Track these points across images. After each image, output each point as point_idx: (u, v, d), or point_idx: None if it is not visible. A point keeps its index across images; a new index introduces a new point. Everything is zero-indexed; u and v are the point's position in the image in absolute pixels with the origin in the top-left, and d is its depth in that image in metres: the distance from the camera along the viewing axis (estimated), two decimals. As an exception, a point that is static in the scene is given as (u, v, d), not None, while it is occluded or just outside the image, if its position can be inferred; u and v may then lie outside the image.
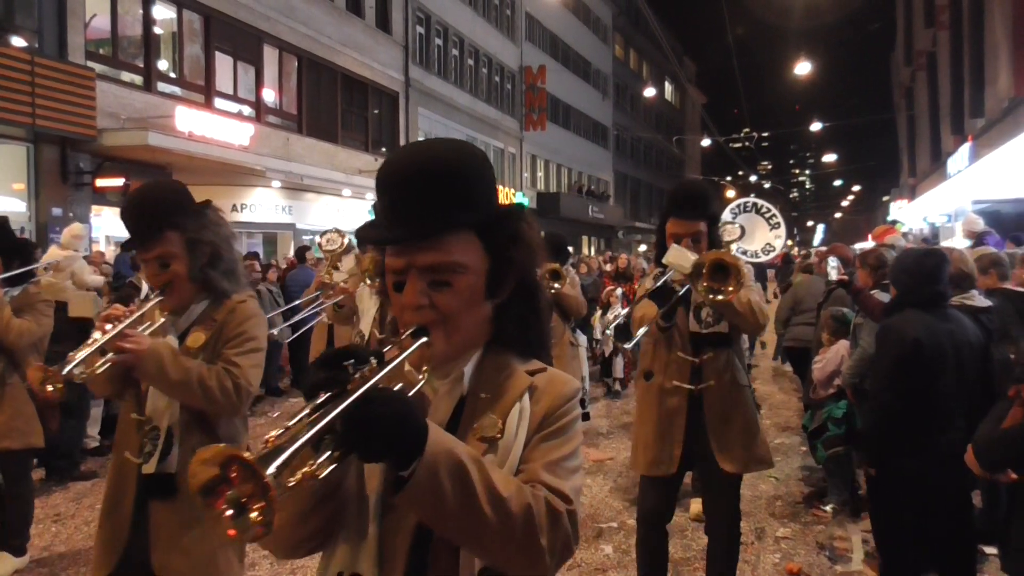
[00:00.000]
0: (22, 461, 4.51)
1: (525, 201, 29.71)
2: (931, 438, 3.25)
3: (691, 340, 3.55)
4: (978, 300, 3.78)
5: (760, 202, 6.77)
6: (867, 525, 4.60)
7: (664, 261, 3.39)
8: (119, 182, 12.40)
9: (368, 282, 4.29)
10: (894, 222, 16.11)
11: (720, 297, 3.20)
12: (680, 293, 3.46)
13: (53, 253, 6.93)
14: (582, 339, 6.95)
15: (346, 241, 5.54)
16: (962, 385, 3.27)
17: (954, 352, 3.26)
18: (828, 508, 5.47)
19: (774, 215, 6.64)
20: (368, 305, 4.47)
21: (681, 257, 3.27)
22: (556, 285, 5.57)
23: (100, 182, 12.41)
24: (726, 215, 6.50)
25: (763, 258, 6.86)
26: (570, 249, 6.81)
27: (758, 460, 3.56)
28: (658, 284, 3.50)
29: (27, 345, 4.29)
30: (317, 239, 6.02)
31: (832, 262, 5.40)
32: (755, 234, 6.44)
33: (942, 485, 3.27)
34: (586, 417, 6.38)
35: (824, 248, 9.90)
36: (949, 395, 3.26)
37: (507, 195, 28.22)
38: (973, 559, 3.66)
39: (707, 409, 3.48)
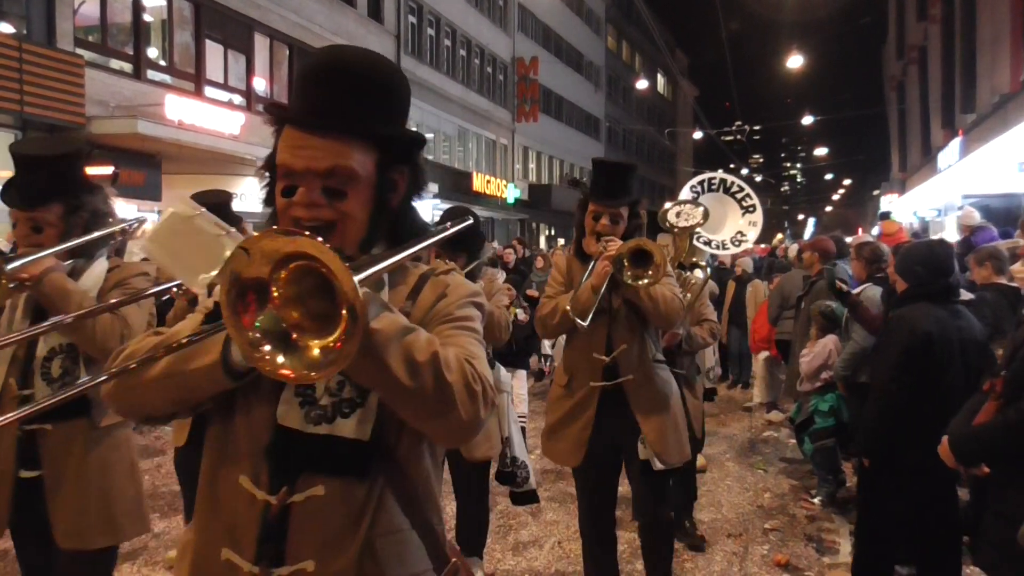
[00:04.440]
0: None
1: (517, 192, 29.70)
2: (933, 431, 3.28)
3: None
4: (962, 294, 3.80)
5: (729, 178, 5.44)
6: (855, 517, 4.63)
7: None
8: (108, 170, 12.25)
9: (10, 286, 2.35)
10: (886, 215, 16.08)
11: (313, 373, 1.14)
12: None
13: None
14: (505, 377, 4.13)
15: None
16: (967, 381, 3.29)
17: (961, 348, 3.29)
18: (816, 500, 5.51)
19: (748, 195, 5.35)
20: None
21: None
22: None
23: (89, 170, 12.09)
24: (685, 192, 5.33)
25: (732, 250, 5.63)
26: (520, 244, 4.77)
27: None
28: None
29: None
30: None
31: (840, 275, 5.43)
32: (724, 219, 5.23)
33: (937, 477, 3.29)
34: (532, 497, 4.15)
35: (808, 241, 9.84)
36: (955, 390, 3.28)
37: (499, 186, 28.22)
38: (958, 549, 3.69)
39: None
